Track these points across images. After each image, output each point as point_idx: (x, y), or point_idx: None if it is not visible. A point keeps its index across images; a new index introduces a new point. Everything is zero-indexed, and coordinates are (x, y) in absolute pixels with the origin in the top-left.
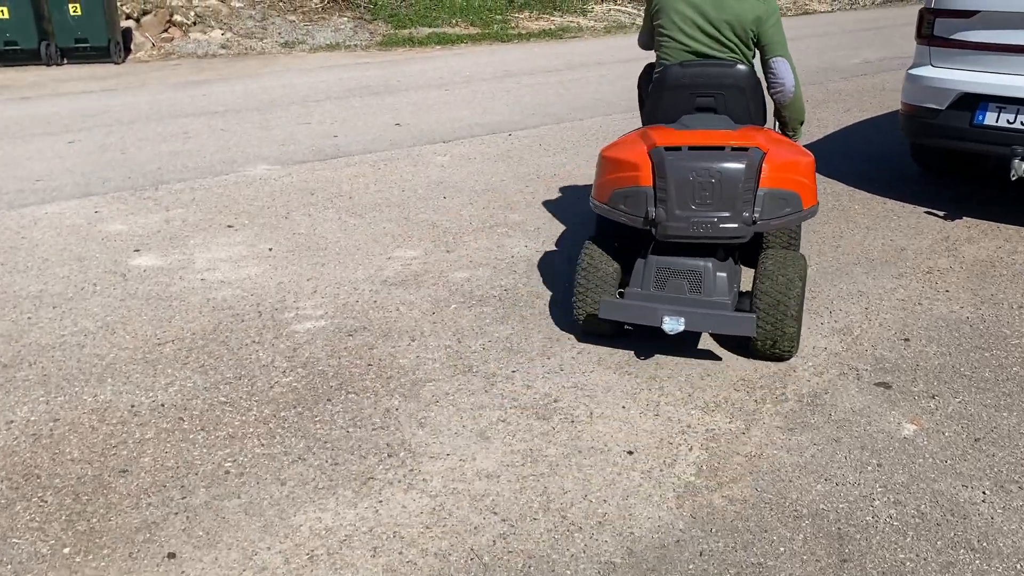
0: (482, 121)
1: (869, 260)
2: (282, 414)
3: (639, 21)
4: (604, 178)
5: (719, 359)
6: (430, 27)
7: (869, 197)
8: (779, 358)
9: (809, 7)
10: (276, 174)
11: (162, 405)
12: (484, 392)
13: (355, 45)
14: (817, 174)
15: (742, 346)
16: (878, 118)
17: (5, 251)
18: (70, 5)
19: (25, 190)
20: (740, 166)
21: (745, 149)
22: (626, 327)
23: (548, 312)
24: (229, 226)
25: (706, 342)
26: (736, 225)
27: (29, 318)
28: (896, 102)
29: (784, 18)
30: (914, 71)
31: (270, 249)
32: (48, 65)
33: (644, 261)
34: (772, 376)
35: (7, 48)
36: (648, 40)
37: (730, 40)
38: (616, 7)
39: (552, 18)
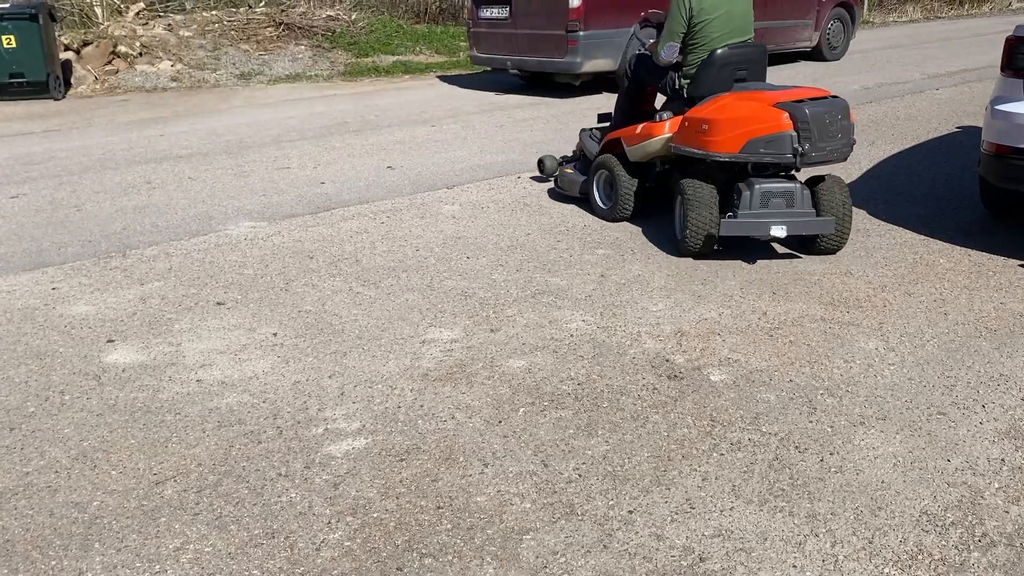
0: (483, 162)
1: (991, 331)
2: None
3: None
4: (730, 133)
5: (857, 468)
6: (393, 55)
7: (948, 248)
8: (837, 249)
9: None
10: (263, 232)
11: None
12: (602, 548)
13: (317, 75)
14: (879, 219)
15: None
16: (910, 152)
17: None
18: (3, 37)
19: None
20: (846, 108)
21: (836, 97)
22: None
23: (641, 413)
24: (219, 303)
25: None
26: (849, 149)
27: None
28: (919, 132)
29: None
30: (1003, 107)
31: (275, 334)
32: None
33: (750, 189)
34: (957, 505)
35: None
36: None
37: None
38: None
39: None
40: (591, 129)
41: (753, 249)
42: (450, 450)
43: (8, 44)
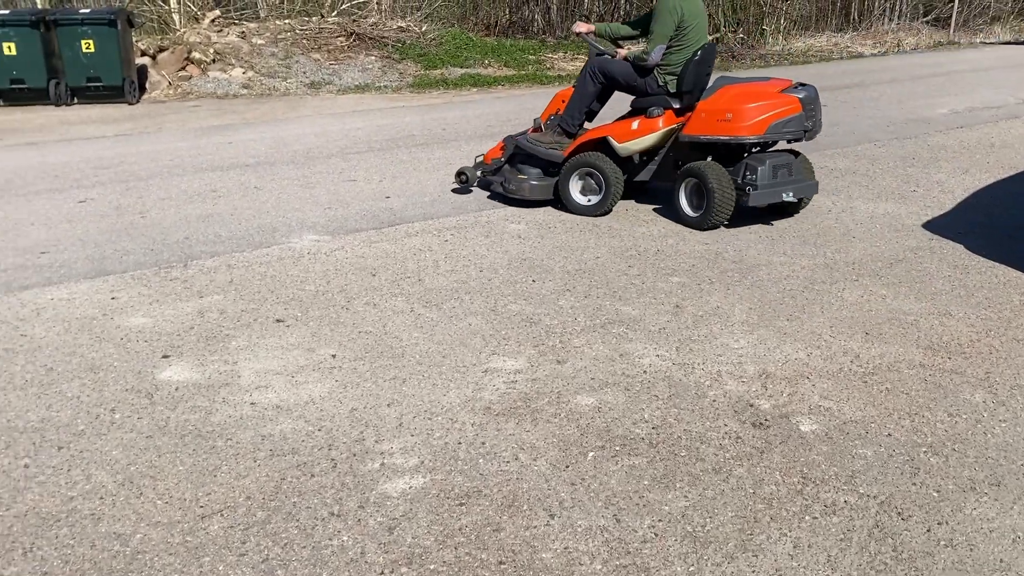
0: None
1: None
2: None
3: None
4: (756, 118)
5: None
6: (462, 67)
7: None
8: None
9: (852, 49)
10: (326, 247)
11: None
12: None
13: (386, 86)
14: (978, 255)
15: None
16: (1008, 181)
17: (0, 357)
18: (82, 42)
19: (27, 266)
20: (818, 92)
21: (806, 84)
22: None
23: (724, 466)
24: (278, 320)
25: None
26: (820, 126)
27: (26, 465)
28: (1016, 160)
29: (833, 62)
30: None
31: (333, 356)
32: (57, 105)
33: (763, 164)
34: None
35: (13, 87)
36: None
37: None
38: None
39: (587, 58)
40: (523, 134)
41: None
42: (513, 496)
43: (87, 49)
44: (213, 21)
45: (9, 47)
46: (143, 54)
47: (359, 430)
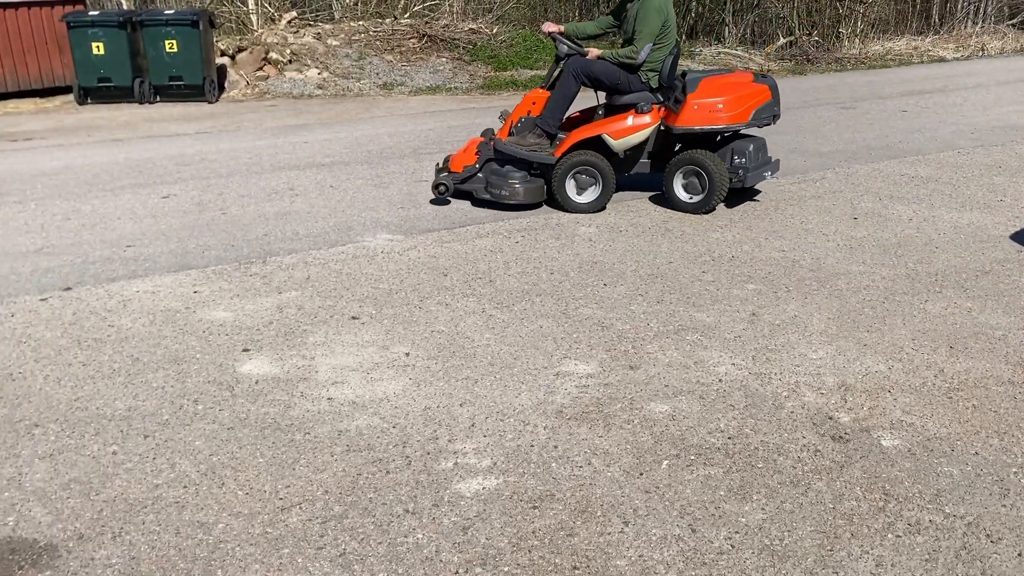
0: (622, 181)
1: None
2: None
3: (752, 65)
4: (742, 107)
5: None
6: (532, 69)
7: None
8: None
9: (933, 53)
10: (400, 246)
11: None
12: None
13: (456, 88)
14: None
15: None
16: None
17: (89, 346)
18: (166, 42)
19: (114, 259)
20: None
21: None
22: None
23: (802, 479)
24: (354, 317)
25: None
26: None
27: (114, 452)
28: None
29: (913, 66)
30: None
31: (407, 354)
32: (141, 103)
33: (749, 148)
34: None
35: (100, 85)
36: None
37: None
38: (725, 50)
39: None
40: (492, 136)
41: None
42: (587, 501)
43: (170, 48)
44: (290, 22)
45: (98, 47)
46: (222, 54)
47: (432, 429)
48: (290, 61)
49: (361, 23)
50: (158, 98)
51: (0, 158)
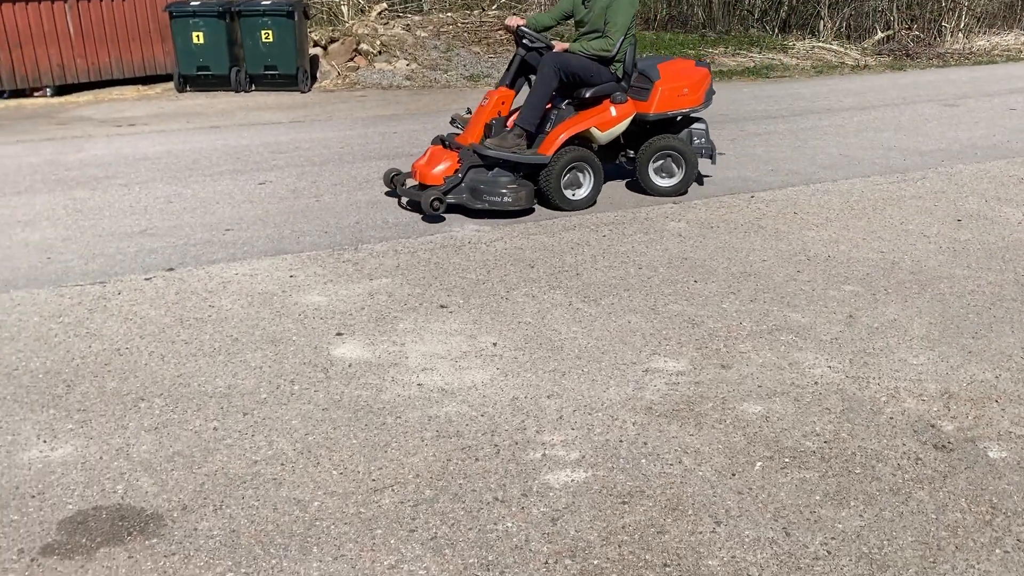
0: (713, 178)
1: None
2: None
3: (847, 60)
4: (700, 90)
5: None
6: None
7: None
8: None
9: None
10: (487, 236)
11: None
12: None
13: None
14: None
15: None
16: None
17: (191, 324)
18: (262, 32)
19: (214, 242)
20: None
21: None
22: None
23: (903, 487)
24: (442, 306)
25: None
26: None
27: (215, 428)
28: None
29: (1021, 63)
30: None
31: (494, 344)
32: (237, 92)
33: (705, 128)
34: None
35: (199, 73)
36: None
37: None
38: (820, 44)
39: (751, 54)
40: (453, 142)
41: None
42: (677, 499)
43: (266, 38)
44: (380, 14)
45: (198, 36)
46: (315, 45)
47: (520, 419)
48: (380, 52)
49: (449, 15)
50: (253, 87)
51: (106, 143)
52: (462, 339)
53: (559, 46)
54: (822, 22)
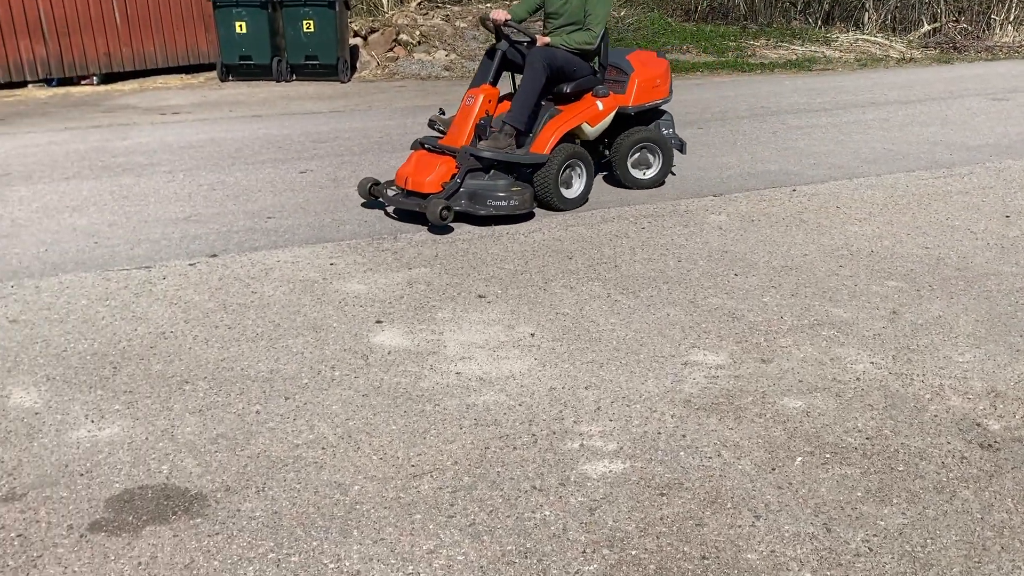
0: (753, 170)
1: None
2: None
3: (892, 53)
4: (667, 81)
5: None
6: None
7: None
8: None
9: None
10: (525, 228)
11: None
12: None
13: None
14: None
15: None
16: None
17: (234, 310)
18: (304, 22)
19: (256, 229)
20: None
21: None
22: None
23: (947, 486)
24: (480, 296)
25: None
26: None
27: (257, 411)
28: None
29: (1016, 61)
30: None
31: (532, 334)
32: (278, 81)
33: (671, 119)
34: None
35: (242, 63)
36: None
37: None
38: (863, 36)
39: (793, 47)
40: (437, 145)
41: None
42: (716, 492)
43: (308, 29)
44: (419, 4)
45: (241, 26)
46: (355, 35)
47: (558, 409)
48: (419, 43)
49: (489, 5)
50: (294, 76)
51: (150, 130)
52: (500, 329)
53: (541, 40)
54: (867, 14)
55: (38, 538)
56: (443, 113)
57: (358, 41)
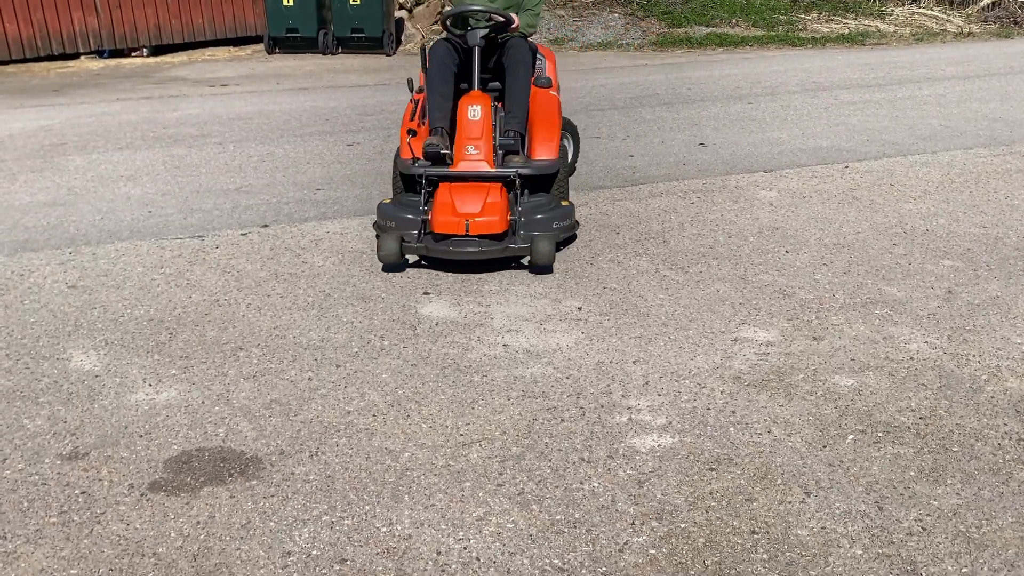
0: (805, 146)
1: None
2: None
3: (950, 27)
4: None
5: None
6: (707, 26)
7: None
8: None
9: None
10: (573, 201)
11: (477, 559)
12: None
13: (627, 44)
14: None
15: None
16: None
17: (286, 279)
18: None
19: (305, 200)
20: None
21: None
22: None
23: (1003, 467)
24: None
25: None
26: None
27: (310, 378)
28: None
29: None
30: None
31: (579, 308)
32: (324, 54)
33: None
34: None
35: (288, 35)
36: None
37: None
38: (919, 10)
39: (845, 21)
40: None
41: None
42: (766, 468)
43: (354, 1)
44: None
45: (288, 0)
46: (401, 8)
47: (606, 383)
48: None
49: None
50: (340, 49)
51: (200, 102)
52: (547, 302)
53: (517, 23)
54: None
55: (101, 496)
56: (412, 83)
57: (403, 14)
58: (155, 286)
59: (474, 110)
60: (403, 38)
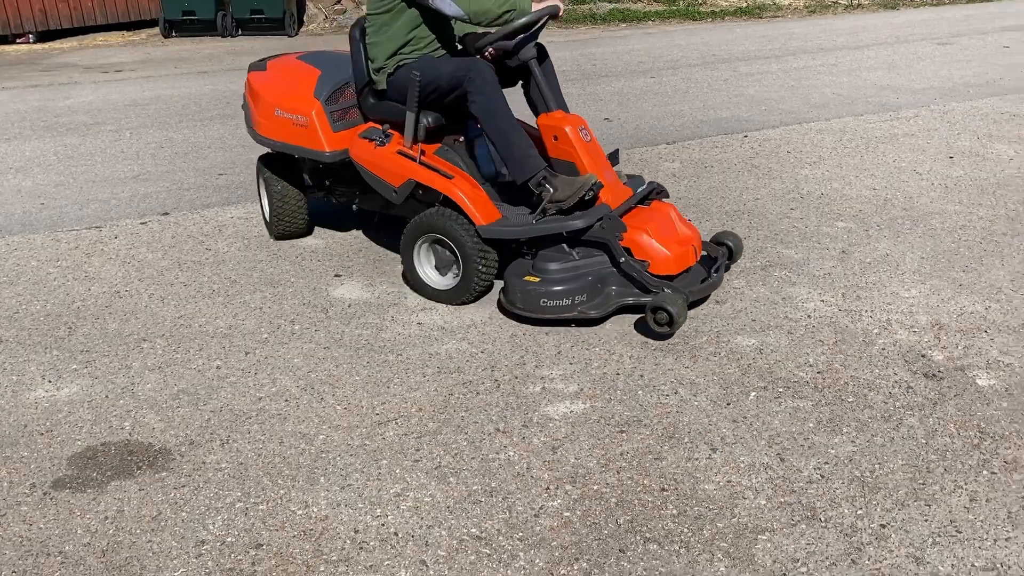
0: (706, 118)
1: None
2: (563, 574)
3: (843, 0)
4: None
5: None
6: (610, 2)
7: None
8: None
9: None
10: None
11: (395, 534)
12: (850, 563)
13: None
14: None
15: None
16: None
17: (189, 267)
18: None
19: (207, 186)
20: None
21: None
22: None
23: (894, 414)
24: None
25: None
26: None
27: (218, 367)
28: None
29: (1016, 0)
30: None
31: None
32: (223, 36)
33: None
34: None
35: (185, 19)
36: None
37: None
38: None
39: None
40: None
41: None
42: (674, 428)
43: None
44: None
45: None
46: None
47: (519, 355)
48: None
49: None
50: (240, 32)
51: (93, 89)
52: None
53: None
54: None
55: (0, 497)
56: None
57: None
58: (51, 280)
59: (584, 132)
60: (305, 19)
